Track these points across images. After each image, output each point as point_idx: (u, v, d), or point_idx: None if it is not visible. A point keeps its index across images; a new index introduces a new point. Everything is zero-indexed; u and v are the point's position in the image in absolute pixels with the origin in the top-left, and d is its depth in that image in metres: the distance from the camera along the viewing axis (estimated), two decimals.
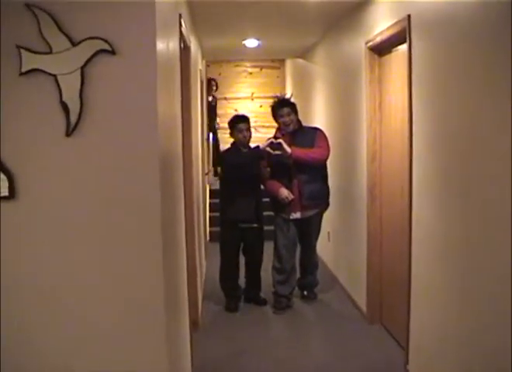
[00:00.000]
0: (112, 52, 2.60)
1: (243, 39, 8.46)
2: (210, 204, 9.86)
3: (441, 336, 3.94)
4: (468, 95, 3.43)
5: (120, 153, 2.67)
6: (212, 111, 11.10)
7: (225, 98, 12.14)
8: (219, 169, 6.42)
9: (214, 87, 11.54)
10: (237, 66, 13.08)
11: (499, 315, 3.11)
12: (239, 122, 6.28)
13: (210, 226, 9.57)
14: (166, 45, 3.16)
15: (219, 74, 12.94)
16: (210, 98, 11.23)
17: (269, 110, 6.46)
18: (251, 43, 8.66)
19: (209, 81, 11.39)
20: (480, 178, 3.27)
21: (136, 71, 2.63)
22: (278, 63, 13.15)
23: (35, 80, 2.62)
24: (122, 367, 2.81)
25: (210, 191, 10.16)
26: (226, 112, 11.78)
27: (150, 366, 2.83)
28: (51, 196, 2.68)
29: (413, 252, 4.42)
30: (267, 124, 10.86)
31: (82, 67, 2.62)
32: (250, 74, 13.10)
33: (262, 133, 10.77)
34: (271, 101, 6.61)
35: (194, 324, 5.16)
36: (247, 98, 12.90)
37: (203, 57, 9.85)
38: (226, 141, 7.39)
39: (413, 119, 4.33)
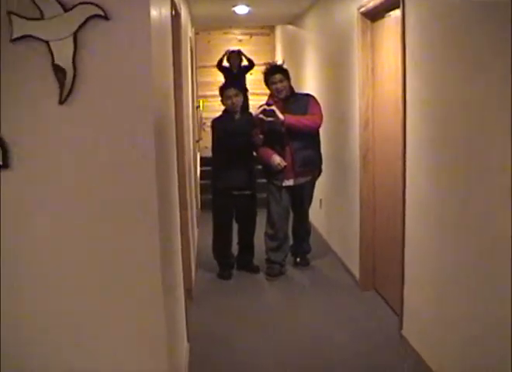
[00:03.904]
0: (106, 17, 2.56)
1: (233, 6, 8.38)
2: (201, 172, 9.84)
3: (435, 301, 3.96)
4: (463, 60, 3.40)
5: (115, 120, 2.63)
6: None
7: (214, 66, 12.02)
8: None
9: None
10: (226, 34, 12.98)
11: (494, 279, 3.12)
12: (226, 88, 6.25)
13: (201, 194, 9.55)
14: (159, 11, 3.11)
15: (209, 42, 12.84)
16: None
17: (260, 77, 6.43)
18: (241, 9, 8.58)
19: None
20: (476, 142, 3.27)
21: (130, 37, 2.58)
22: (268, 29, 13.06)
23: (27, 47, 2.57)
24: (120, 337, 2.81)
25: (201, 158, 10.13)
26: (215, 81, 11.67)
27: (149, 334, 2.83)
28: (46, 164, 2.65)
29: (407, 218, 4.43)
30: (258, 91, 10.79)
31: (75, 33, 2.57)
32: (240, 41, 13.00)
33: (253, 101, 10.70)
34: (261, 68, 6.58)
35: (188, 292, 5.17)
36: None
37: (193, 25, 9.76)
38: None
39: (406, 85, 4.31)
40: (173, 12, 4.32)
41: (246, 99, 9.03)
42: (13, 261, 2.70)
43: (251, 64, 10.71)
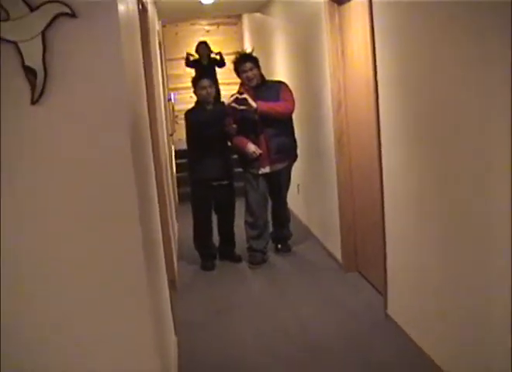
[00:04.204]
0: (73, 15, 2.54)
1: None
2: (176, 164, 9.82)
3: (418, 279, 4.00)
4: (432, 40, 3.43)
5: (89, 117, 2.62)
6: None
7: (183, 58, 12.01)
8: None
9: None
10: (193, 25, 12.94)
11: (474, 258, 3.17)
12: (200, 79, 6.25)
13: (178, 187, 9.53)
14: (126, 6, 3.10)
15: (176, 34, 12.79)
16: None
17: (230, 67, 6.44)
18: None
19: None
20: (450, 122, 3.30)
21: (99, 33, 2.56)
22: (234, 19, 13.03)
23: None
24: (106, 333, 2.81)
25: (176, 151, 10.11)
26: (185, 73, 11.66)
27: (135, 328, 2.83)
28: (20, 165, 2.64)
29: (385, 198, 4.46)
30: (228, 81, 10.79)
31: (43, 32, 2.55)
32: (208, 32, 12.97)
33: (224, 90, 10.70)
34: (230, 57, 6.58)
35: (172, 285, 5.17)
36: None
37: (159, 18, 9.72)
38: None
39: (377, 65, 4.33)
40: (140, 6, 4.31)
41: (217, 91, 9.07)
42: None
43: (223, 63, 10.72)
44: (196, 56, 11.05)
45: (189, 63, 10.97)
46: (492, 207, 2.91)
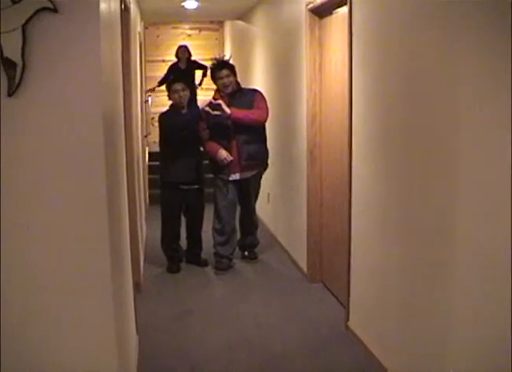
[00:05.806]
0: (55, 10, 2.56)
1: (183, 1, 8.37)
2: (149, 166, 9.82)
3: (381, 293, 4.04)
4: (406, 56, 3.49)
5: (64, 114, 2.63)
6: None
7: (163, 61, 12.03)
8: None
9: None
10: (176, 28, 12.96)
11: (436, 275, 3.21)
12: (174, 83, 6.27)
13: (149, 189, 9.52)
14: (108, 5, 3.12)
15: (157, 37, 12.80)
16: None
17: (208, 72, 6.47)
18: (190, 4, 8.57)
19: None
20: (419, 139, 3.35)
21: (79, 30, 2.58)
22: (216, 25, 13.08)
23: None
24: (68, 330, 2.81)
25: (149, 153, 10.11)
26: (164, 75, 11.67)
27: (97, 328, 2.83)
28: None
29: (353, 211, 4.50)
30: (205, 86, 10.82)
31: (23, 25, 2.56)
32: (189, 36, 13.00)
33: (200, 95, 10.72)
34: (209, 63, 6.61)
35: (137, 286, 5.17)
36: None
37: (142, 19, 9.72)
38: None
39: (353, 80, 4.39)
40: (122, 6, 4.33)
41: (194, 94, 9.07)
42: None
43: (204, 69, 10.69)
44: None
45: (166, 80, 10.93)
46: (456, 221, 2.96)
